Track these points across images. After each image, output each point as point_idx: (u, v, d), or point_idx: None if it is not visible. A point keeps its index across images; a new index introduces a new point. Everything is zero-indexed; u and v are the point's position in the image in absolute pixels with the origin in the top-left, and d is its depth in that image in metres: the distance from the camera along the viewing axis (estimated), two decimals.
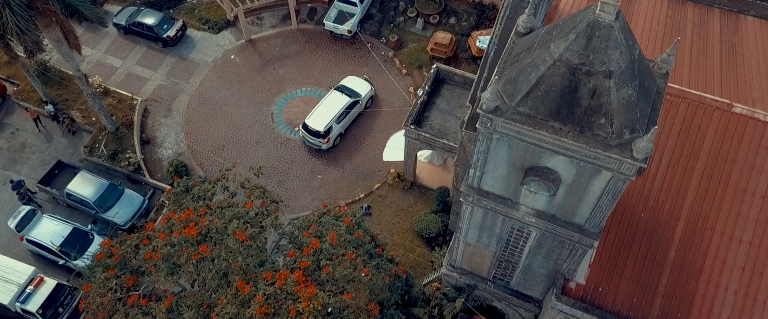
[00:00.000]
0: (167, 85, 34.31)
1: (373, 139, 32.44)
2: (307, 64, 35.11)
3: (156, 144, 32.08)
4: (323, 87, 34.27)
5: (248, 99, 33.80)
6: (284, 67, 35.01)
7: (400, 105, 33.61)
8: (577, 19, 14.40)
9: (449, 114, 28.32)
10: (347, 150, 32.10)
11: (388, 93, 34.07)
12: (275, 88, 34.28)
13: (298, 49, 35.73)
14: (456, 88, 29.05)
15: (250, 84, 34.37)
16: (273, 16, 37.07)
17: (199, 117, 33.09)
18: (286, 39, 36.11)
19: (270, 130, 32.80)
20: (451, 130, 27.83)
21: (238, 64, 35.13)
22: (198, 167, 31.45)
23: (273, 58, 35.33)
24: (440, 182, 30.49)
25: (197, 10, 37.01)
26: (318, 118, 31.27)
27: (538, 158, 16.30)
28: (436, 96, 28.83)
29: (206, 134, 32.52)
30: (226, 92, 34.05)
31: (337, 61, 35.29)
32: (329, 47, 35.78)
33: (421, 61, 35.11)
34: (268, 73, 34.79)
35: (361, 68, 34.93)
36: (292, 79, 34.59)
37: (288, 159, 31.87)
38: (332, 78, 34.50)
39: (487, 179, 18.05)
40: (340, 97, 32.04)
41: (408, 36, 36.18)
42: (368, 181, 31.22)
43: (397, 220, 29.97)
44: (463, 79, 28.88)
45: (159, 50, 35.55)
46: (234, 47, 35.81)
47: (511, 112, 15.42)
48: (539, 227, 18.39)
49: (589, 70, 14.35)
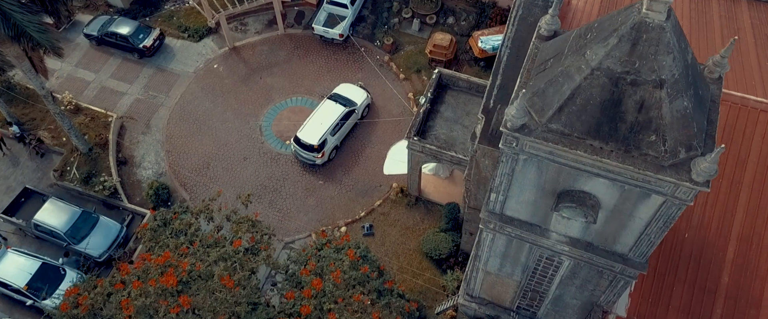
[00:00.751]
0: (145, 99, 31.64)
1: (372, 152, 29.95)
2: (296, 72, 32.56)
3: (134, 164, 29.42)
4: (315, 96, 31.73)
5: (234, 112, 31.21)
6: (272, 75, 32.45)
7: (399, 113, 31.14)
8: (618, 19, 11.98)
9: (455, 123, 25.88)
10: (344, 164, 29.60)
11: (386, 100, 31.59)
12: (263, 98, 31.71)
13: (286, 55, 33.17)
14: (461, 94, 26.61)
15: (236, 95, 31.78)
16: (258, 21, 34.47)
17: (180, 133, 30.47)
18: (273, 45, 33.54)
19: (258, 145, 30.23)
20: (458, 140, 25.39)
21: (221, 74, 32.53)
22: (181, 188, 28.83)
23: (259, 67, 32.75)
24: (448, 196, 28.05)
25: (176, 17, 34.34)
26: (311, 130, 28.74)
27: (573, 181, 13.88)
28: (440, 103, 26.38)
29: (189, 152, 29.90)
30: (209, 105, 31.45)
31: (329, 67, 32.76)
32: (320, 53, 33.25)
33: (419, 64, 32.66)
34: (254, 82, 32.21)
35: (355, 74, 32.42)
36: (281, 88, 32.03)
37: (279, 176, 29.32)
38: (324, 86, 31.97)
39: (511, 203, 15.62)
40: (334, 107, 29.52)
41: (404, 38, 33.71)
42: (369, 197, 28.73)
43: (403, 240, 27.50)
44: (468, 84, 26.45)
45: (135, 62, 32.87)
46: (217, 56, 33.19)
47: (541, 131, 12.98)
48: (573, 255, 15.99)
49: (635, 80, 11.94)
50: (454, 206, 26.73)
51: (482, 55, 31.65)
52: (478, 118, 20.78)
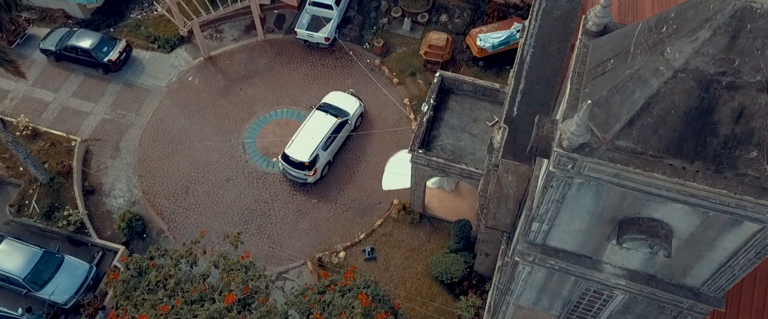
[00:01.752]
0: (113, 119, 28.44)
1: (369, 165, 27.22)
2: (280, 81, 29.67)
3: (103, 193, 26.23)
4: (302, 107, 28.88)
5: (213, 128, 28.20)
6: (253, 86, 29.50)
7: (395, 122, 28.46)
8: (709, 6, 9.44)
9: (462, 131, 23.30)
10: (338, 181, 26.81)
11: (380, 108, 28.89)
12: (244, 112, 28.76)
13: (268, 63, 30.26)
14: (466, 98, 24.05)
15: (214, 110, 28.77)
16: (234, 27, 31.49)
17: (154, 155, 27.36)
18: (253, 53, 30.60)
19: (242, 164, 27.27)
20: (466, 151, 22.82)
21: (197, 87, 29.48)
22: (157, 217, 25.73)
23: (239, 77, 29.78)
24: (455, 212, 25.46)
25: (143, 26, 31.15)
26: (300, 146, 25.90)
27: (639, 208, 11.35)
28: (444, 110, 23.79)
29: (165, 176, 26.81)
30: (185, 122, 28.38)
31: (316, 74, 29.94)
32: (304, 59, 30.41)
33: (413, 67, 30.03)
34: (234, 95, 29.24)
35: (345, 81, 29.66)
36: (264, 99, 29.12)
37: (267, 198, 26.41)
38: (312, 95, 29.14)
39: (557, 233, 13.05)
40: (325, 119, 26.71)
41: (395, 39, 31.05)
42: (368, 217, 25.99)
43: (409, 263, 24.83)
44: (473, 87, 23.90)
45: (100, 78, 29.63)
46: (191, 67, 30.13)
47: (605, 149, 10.42)
48: (631, 290, 13.48)
49: (733, 83, 9.43)
50: (464, 223, 24.14)
51: (481, 54, 29.16)
52: (496, 126, 18.22)
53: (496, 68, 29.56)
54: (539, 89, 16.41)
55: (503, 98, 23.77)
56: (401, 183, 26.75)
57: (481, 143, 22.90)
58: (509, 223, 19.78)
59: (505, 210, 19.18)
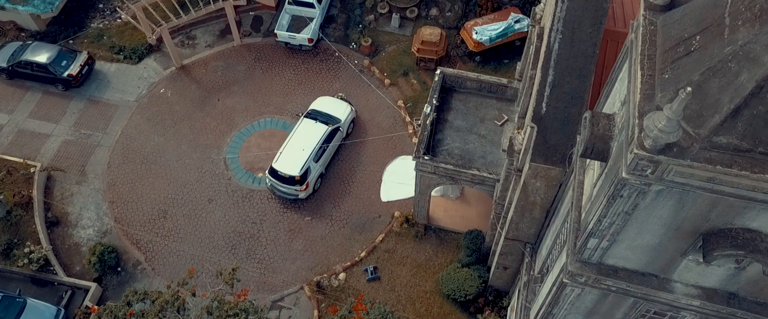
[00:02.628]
0: (76, 140, 25.54)
1: (364, 176, 24.85)
2: (261, 89, 27.13)
3: (69, 224, 23.36)
4: (288, 115, 26.39)
5: (190, 144, 25.53)
6: (232, 95, 26.91)
7: (390, 126, 26.16)
8: None
9: (469, 133, 21.11)
10: (333, 195, 24.38)
11: (372, 112, 26.56)
12: (224, 124, 26.15)
13: (247, 70, 27.70)
14: (470, 96, 21.88)
15: (191, 124, 26.09)
16: (207, 32, 28.85)
17: (126, 178, 24.57)
18: (229, 59, 28.00)
19: (225, 182, 24.65)
20: (476, 154, 20.62)
21: (170, 100, 26.77)
22: (133, 247, 22.97)
23: (216, 87, 27.16)
24: (463, 222, 23.24)
25: (106, 36, 28.31)
26: (289, 158, 23.41)
27: (733, 217, 9.26)
28: (447, 110, 21.57)
29: (139, 200, 24.05)
30: (159, 139, 25.64)
31: (300, 79, 27.48)
32: (287, 63, 27.92)
33: (405, 66, 27.79)
34: (211, 106, 26.60)
35: (332, 85, 27.27)
36: (245, 109, 26.54)
37: (255, 218, 23.84)
38: (297, 102, 26.67)
39: (618, 249, 10.92)
40: (315, 127, 24.27)
41: (383, 37, 28.78)
42: (367, 232, 23.60)
43: (416, 281, 22.50)
44: (478, 84, 21.73)
45: (60, 95, 26.71)
46: (162, 79, 27.39)
47: (699, 148, 8.29)
48: (705, 310, 11.39)
49: None
50: (475, 234, 21.93)
51: (478, 48, 27.06)
52: (506, 125, 16.04)
53: (495, 63, 27.49)
54: (570, 81, 14.30)
55: (512, 95, 21.67)
56: (402, 193, 24.46)
57: (491, 145, 20.75)
58: (533, 233, 17.63)
59: (529, 219, 17.02)
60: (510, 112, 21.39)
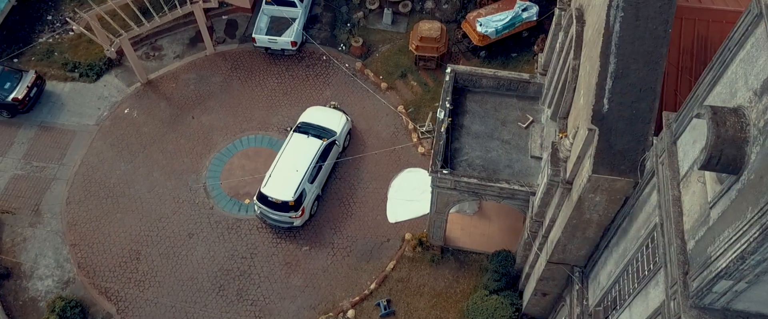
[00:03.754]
0: (28, 174, 21.95)
1: (367, 194, 21.69)
2: (241, 102, 23.82)
3: (22, 275, 19.78)
4: (273, 130, 23.12)
5: (163, 171, 22.12)
6: (208, 112, 23.55)
7: (391, 135, 23.05)
8: None
9: (490, 138, 18.09)
10: (332, 219, 21.16)
11: (370, 120, 23.42)
12: (201, 145, 22.78)
13: (223, 82, 24.36)
14: (488, 96, 18.88)
15: (162, 147, 22.68)
16: (175, 41, 25.46)
17: (89, 215, 21.06)
18: (202, 70, 24.64)
19: (207, 213, 21.29)
20: (501, 163, 17.60)
21: (137, 121, 23.31)
22: (101, 297, 19.47)
23: (189, 102, 23.77)
24: (485, 240, 20.23)
25: (57, 51, 24.74)
26: (280, 181, 20.15)
27: None
28: (462, 114, 18.54)
29: (106, 241, 20.56)
30: (126, 167, 22.18)
31: (285, 88, 24.23)
32: (268, 71, 24.65)
33: (402, 67, 24.72)
34: (185, 125, 23.21)
35: (322, 93, 24.08)
36: (224, 127, 23.21)
37: (245, 252, 20.52)
38: (284, 115, 23.43)
39: (755, 292, 7.96)
40: (307, 142, 21.04)
41: (375, 36, 25.69)
42: (376, 260, 20.44)
43: (437, 312, 19.40)
44: (495, 81, 18.74)
45: (5, 123, 23.06)
46: (126, 97, 23.92)
47: None
48: None
49: None
50: (504, 255, 18.90)
51: (483, 41, 24.12)
52: (531, 127, 13.01)
53: (502, 57, 24.57)
54: (638, 70, 11.35)
55: (535, 92, 18.73)
56: (411, 212, 21.36)
57: (517, 151, 17.76)
58: (584, 255, 14.66)
59: (581, 240, 14.04)
60: (534, 112, 18.44)
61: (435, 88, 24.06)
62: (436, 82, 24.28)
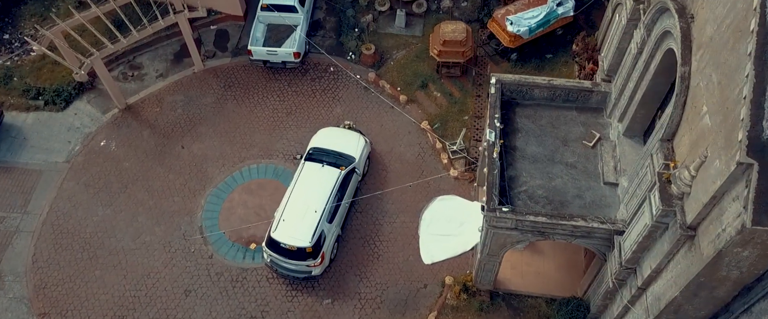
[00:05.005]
0: None
1: (394, 230, 18.31)
2: (238, 126, 20.34)
3: None
4: (279, 158, 19.67)
5: (150, 213, 18.57)
6: (200, 139, 20.04)
7: (416, 156, 19.71)
8: None
9: (552, 162, 14.79)
10: (356, 263, 17.75)
11: (390, 140, 20.06)
12: (194, 180, 19.27)
13: (216, 103, 20.87)
14: (541, 110, 15.60)
15: (147, 185, 19.12)
16: (157, 58, 21.90)
17: (61, 275, 17.43)
18: (191, 91, 21.12)
19: (205, 263, 17.76)
20: (569, 193, 14.29)
21: (116, 155, 19.74)
22: None
23: (176, 129, 20.25)
24: (541, 281, 16.95)
25: (17, 76, 21.02)
26: (294, 223, 16.69)
27: None
28: (513, 134, 15.24)
29: (83, 307, 16.94)
30: (105, 211, 18.61)
31: (289, 108, 20.79)
32: (268, 88, 21.19)
33: (422, 75, 21.39)
34: (174, 157, 19.68)
35: (332, 110, 20.67)
36: (220, 157, 19.71)
37: (254, 310, 17.02)
38: (290, 138, 19.99)
39: None
40: (322, 173, 17.62)
41: (387, 41, 22.34)
42: (413, 311, 17.05)
43: None
44: (550, 91, 15.46)
45: None
46: (102, 126, 20.33)
47: None
48: None
49: None
50: (576, 304, 15.62)
51: (514, 42, 20.86)
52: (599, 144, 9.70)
53: (536, 59, 21.35)
54: None
55: (597, 102, 15.48)
56: (449, 249, 18.02)
57: (586, 177, 14.49)
58: (704, 315, 11.41)
59: (705, 299, 10.77)
60: (600, 127, 15.19)
61: (462, 98, 20.78)
62: (462, 91, 20.99)
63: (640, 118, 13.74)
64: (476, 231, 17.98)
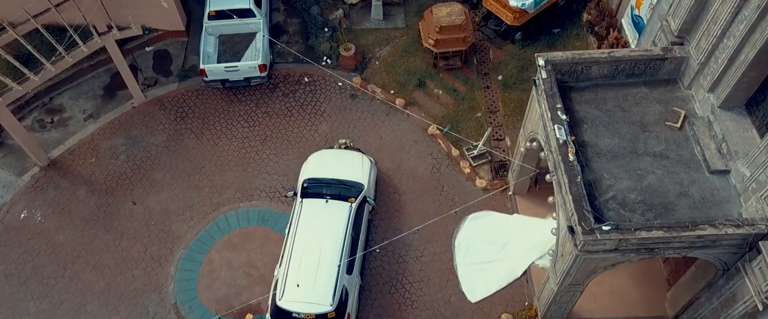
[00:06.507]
0: None
1: (423, 265, 14.55)
2: (202, 165, 16.00)
3: None
4: (262, 197, 15.49)
5: (102, 299, 13.97)
6: (155, 190, 15.57)
7: (430, 170, 16.05)
8: None
9: (635, 154, 11.46)
10: (386, 316, 13.85)
11: (396, 154, 16.30)
12: (156, 244, 14.79)
13: (169, 140, 16.43)
14: (601, 91, 12.29)
15: (94, 260, 14.49)
16: (82, 96, 17.21)
17: None
18: (133, 130, 16.59)
19: None
20: (670, 192, 10.96)
21: (45, 228, 14.96)
22: None
23: (122, 182, 15.68)
24: (617, 301, 13.70)
25: None
26: (307, 283, 12.61)
27: None
28: (577, 126, 11.83)
29: None
30: (39, 306, 13.85)
31: (262, 133, 16.64)
32: (231, 112, 16.97)
33: (417, 72, 17.78)
34: (123, 217, 15.13)
35: (316, 128, 16.70)
36: (185, 207, 15.33)
37: None
38: (271, 171, 15.85)
39: None
40: (328, 210, 13.62)
41: (366, 38, 18.60)
42: None
43: None
44: (612, 66, 12.18)
45: None
46: (19, 193, 15.46)
47: None
48: None
49: None
50: None
51: (520, 19, 17.64)
52: None
53: (545, 36, 18.24)
54: None
55: (669, 72, 12.36)
56: (495, 279, 14.46)
57: (684, 167, 11.24)
58: None
59: None
60: (681, 102, 12.05)
61: (468, 93, 17.34)
62: (467, 85, 17.55)
63: (745, 85, 10.67)
64: (525, 252, 14.60)
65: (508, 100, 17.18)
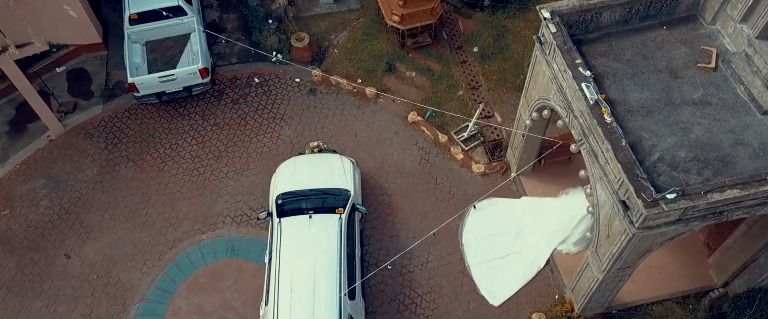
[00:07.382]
0: None
1: (432, 272, 12.43)
2: (148, 199, 13.23)
3: None
4: (226, 224, 12.89)
5: None
6: (92, 236, 12.69)
7: (418, 162, 13.92)
8: None
9: (672, 106, 9.67)
10: None
11: (376, 151, 14.06)
12: (104, 302, 11.95)
13: (100, 174, 13.54)
14: (617, 39, 10.48)
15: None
16: None
17: None
18: (53, 169, 13.58)
19: None
20: (724, 142, 9.24)
21: None
22: None
23: (48, 232, 12.70)
24: (657, 278, 12.10)
25: None
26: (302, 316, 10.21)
27: None
28: (600, 82, 9.96)
29: None
30: None
31: (214, 149, 14.01)
32: (173, 130, 14.23)
33: (383, 55, 15.58)
34: (56, 276, 12.19)
35: (279, 134, 14.23)
36: (134, 251, 12.54)
37: None
38: (232, 192, 13.28)
39: None
40: (313, 227, 11.21)
41: (318, 26, 16.25)
42: None
43: None
44: (623, 10, 10.36)
45: None
46: None
47: None
48: None
49: None
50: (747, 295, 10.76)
51: None
52: None
53: (515, 1, 16.42)
54: None
55: (688, 6, 10.70)
56: (516, 276, 12.51)
57: (731, 112, 9.55)
58: None
59: None
60: (708, 40, 10.41)
61: (445, 70, 15.33)
62: (441, 62, 15.53)
63: None
64: (544, 239, 12.73)
65: (488, 72, 15.27)
